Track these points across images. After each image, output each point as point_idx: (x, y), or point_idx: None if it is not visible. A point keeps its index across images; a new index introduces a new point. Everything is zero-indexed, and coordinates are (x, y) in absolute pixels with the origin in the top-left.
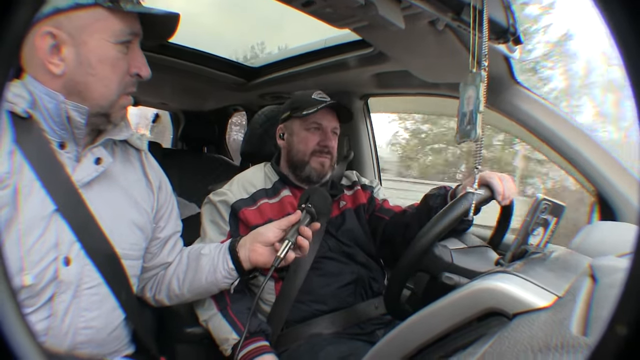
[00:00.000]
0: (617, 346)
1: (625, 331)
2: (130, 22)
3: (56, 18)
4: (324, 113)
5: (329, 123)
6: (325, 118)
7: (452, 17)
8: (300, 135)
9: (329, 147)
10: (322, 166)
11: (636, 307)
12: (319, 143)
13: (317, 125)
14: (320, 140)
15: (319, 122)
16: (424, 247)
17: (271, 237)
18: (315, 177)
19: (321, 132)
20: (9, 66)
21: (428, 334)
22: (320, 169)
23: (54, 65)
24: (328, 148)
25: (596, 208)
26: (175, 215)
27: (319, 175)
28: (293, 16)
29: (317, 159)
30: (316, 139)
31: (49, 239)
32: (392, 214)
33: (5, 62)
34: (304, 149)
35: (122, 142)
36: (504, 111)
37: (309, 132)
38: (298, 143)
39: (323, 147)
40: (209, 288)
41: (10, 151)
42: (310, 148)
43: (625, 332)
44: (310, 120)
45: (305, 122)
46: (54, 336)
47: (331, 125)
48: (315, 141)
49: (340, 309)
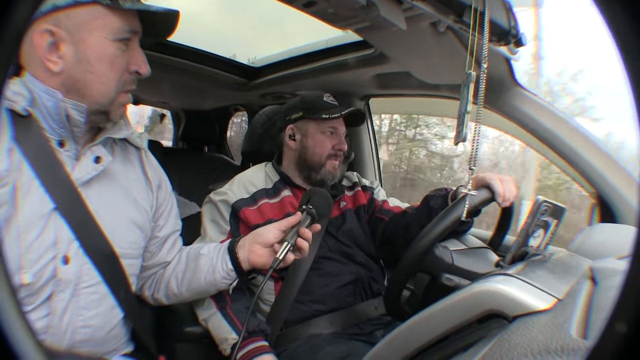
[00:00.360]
0: (617, 344)
1: (625, 329)
2: (129, 19)
3: (55, 15)
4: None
5: (342, 127)
6: (340, 122)
7: (454, 19)
8: (316, 138)
9: (343, 151)
10: (334, 168)
11: (636, 304)
12: (334, 147)
13: (333, 129)
14: (336, 143)
15: (335, 127)
16: (425, 247)
17: (271, 238)
18: (329, 179)
19: (336, 135)
20: (8, 64)
21: (428, 335)
22: (334, 172)
23: (53, 63)
24: (342, 151)
25: (596, 210)
26: (175, 214)
27: (332, 177)
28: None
29: (332, 162)
30: (332, 142)
31: (48, 238)
32: (392, 214)
33: (4, 59)
34: (320, 152)
35: (122, 140)
36: (505, 113)
37: (326, 136)
38: (314, 146)
39: (338, 150)
40: (208, 288)
41: (9, 149)
42: (326, 151)
43: (624, 330)
44: (327, 124)
45: (321, 125)
46: (53, 335)
47: (343, 129)
48: (331, 145)
49: (339, 309)
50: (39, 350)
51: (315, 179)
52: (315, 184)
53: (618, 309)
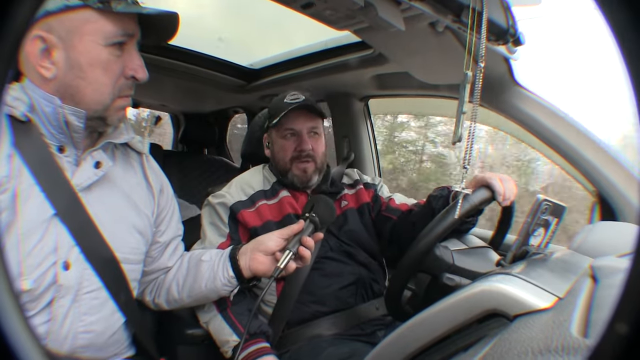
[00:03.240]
0: (618, 345)
1: (626, 329)
2: (123, 23)
3: (46, 21)
4: (296, 115)
5: (303, 125)
6: (298, 121)
7: (452, 19)
8: (278, 144)
9: (306, 151)
10: (305, 172)
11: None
12: (296, 149)
13: (291, 130)
14: (296, 145)
15: (292, 127)
16: (425, 248)
17: (272, 246)
18: (298, 183)
19: (296, 137)
20: (7, 69)
21: (429, 335)
22: (303, 175)
23: (45, 69)
24: (305, 152)
25: (597, 208)
26: (176, 220)
27: (301, 181)
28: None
29: (298, 165)
30: (292, 145)
31: (48, 244)
32: (399, 213)
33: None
34: (283, 157)
35: (123, 145)
36: (505, 112)
37: (285, 140)
38: (277, 152)
39: (300, 152)
40: (209, 294)
41: (9, 155)
42: (288, 155)
43: (625, 331)
44: (283, 127)
45: (279, 130)
46: (54, 340)
47: (307, 126)
48: (292, 148)
49: (341, 310)
50: (42, 355)
51: (286, 183)
52: (299, 188)
53: (619, 309)
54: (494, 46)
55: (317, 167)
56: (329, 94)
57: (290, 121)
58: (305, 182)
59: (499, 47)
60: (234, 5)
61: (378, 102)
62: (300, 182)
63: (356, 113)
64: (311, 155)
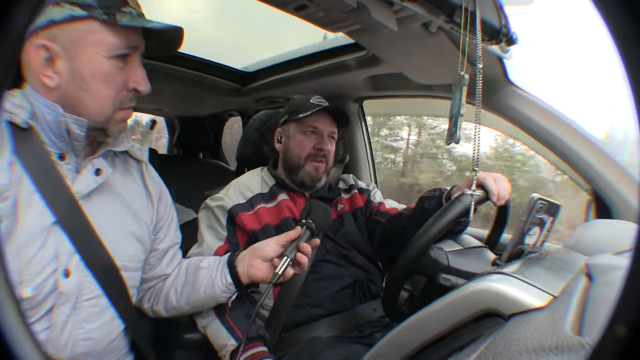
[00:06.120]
0: (617, 347)
1: (625, 332)
2: (128, 35)
3: (51, 30)
4: (320, 116)
5: (325, 127)
6: (321, 121)
7: (445, 20)
8: (296, 139)
9: (324, 151)
10: (317, 171)
11: (636, 307)
12: (314, 147)
13: (313, 128)
14: (315, 143)
15: (315, 126)
16: (420, 250)
17: (270, 253)
18: (309, 181)
19: (317, 135)
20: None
21: (425, 335)
22: (315, 174)
23: (48, 78)
24: (323, 152)
25: (592, 206)
26: (175, 227)
27: (312, 179)
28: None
29: (312, 164)
30: (312, 142)
31: (49, 251)
32: (388, 216)
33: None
34: (299, 152)
35: (123, 152)
36: (499, 111)
37: (305, 136)
38: (294, 146)
39: (318, 150)
40: (207, 301)
41: (10, 162)
42: (305, 151)
43: (624, 333)
44: (306, 124)
45: (301, 125)
46: (53, 347)
47: (328, 129)
48: (310, 145)
49: (338, 312)
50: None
51: (296, 180)
52: (305, 187)
53: (617, 311)
54: (487, 46)
55: (326, 169)
56: (323, 95)
57: (314, 120)
58: (316, 182)
59: (492, 46)
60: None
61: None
62: (311, 181)
63: (351, 115)
64: (326, 156)
